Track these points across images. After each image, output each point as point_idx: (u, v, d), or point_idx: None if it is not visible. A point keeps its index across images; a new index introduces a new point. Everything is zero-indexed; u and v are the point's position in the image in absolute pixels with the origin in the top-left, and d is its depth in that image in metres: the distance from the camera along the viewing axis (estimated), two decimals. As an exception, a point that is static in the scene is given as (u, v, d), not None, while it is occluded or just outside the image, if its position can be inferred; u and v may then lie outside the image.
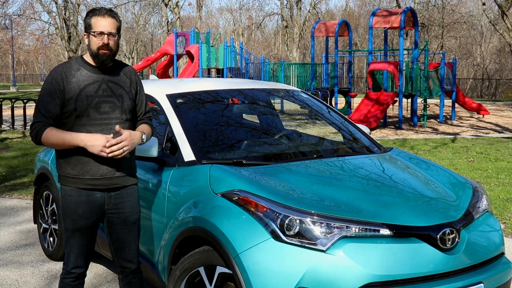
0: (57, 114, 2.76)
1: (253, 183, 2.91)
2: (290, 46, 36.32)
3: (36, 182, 4.76)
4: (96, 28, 2.75)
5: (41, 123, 2.75)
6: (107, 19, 2.76)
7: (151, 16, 47.20)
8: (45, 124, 2.75)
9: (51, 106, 2.75)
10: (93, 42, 2.76)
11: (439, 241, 2.72)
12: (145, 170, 3.45)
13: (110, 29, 2.76)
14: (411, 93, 15.29)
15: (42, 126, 2.74)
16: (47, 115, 2.75)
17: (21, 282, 4.15)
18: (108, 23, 2.75)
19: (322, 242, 2.60)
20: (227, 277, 2.81)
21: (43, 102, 2.77)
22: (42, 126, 2.74)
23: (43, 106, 2.76)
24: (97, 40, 2.75)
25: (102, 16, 2.76)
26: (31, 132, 2.78)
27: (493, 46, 45.89)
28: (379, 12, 16.30)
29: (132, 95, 2.91)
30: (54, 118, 2.76)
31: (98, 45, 2.75)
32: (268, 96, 4.36)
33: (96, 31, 2.74)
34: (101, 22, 2.75)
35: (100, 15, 2.76)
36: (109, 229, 2.95)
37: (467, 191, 3.21)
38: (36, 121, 2.77)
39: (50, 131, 2.73)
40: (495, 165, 8.79)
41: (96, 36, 2.75)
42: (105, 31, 2.74)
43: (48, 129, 2.73)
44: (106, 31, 2.75)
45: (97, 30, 2.74)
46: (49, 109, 2.75)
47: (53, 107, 2.75)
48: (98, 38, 2.75)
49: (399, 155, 3.73)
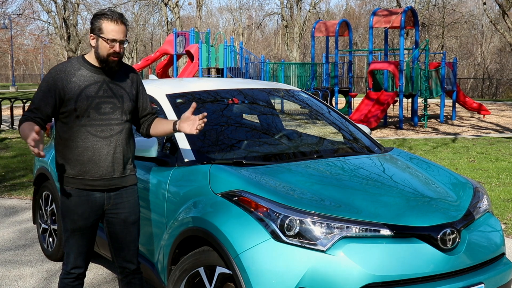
0: (47, 113, 2.73)
1: (253, 183, 2.91)
2: (290, 46, 36.32)
3: (36, 182, 4.75)
4: (108, 34, 2.71)
5: (25, 117, 2.71)
6: (119, 26, 2.72)
7: (150, 15, 47.26)
8: (28, 118, 2.70)
9: (42, 104, 2.72)
10: (104, 47, 2.73)
11: (439, 242, 2.71)
12: (144, 170, 3.44)
13: (122, 37, 2.73)
14: (411, 93, 15.28)
15: (25, 120, 2.69)
16: (35, 112, 2.72)
17: (20, 283, 4.14)
18: (120, 30, 2.72)
19: (322, 242, 2.60)
20: (227, 278, 2.81)
21: (36, 99, 2.75)
22: (25, 120, 2.69)
23: (35, 103, 2.74)
24: (108, 46, 2.72)
25: (115, 23, 2.71)
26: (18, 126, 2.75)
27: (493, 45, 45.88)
28: (380, 11, 16.29)
29: (133, 96, 2.90)
30: (42, 116, 2.72)
31: (108, 52, 2.73)
32: (268, 96, 4.36)
33: (108, 37, 2.71)
34: (113, 28, 2.70)
35: (113, 21, 2.71)
36: (109, 229, 2.94)
37: (468, 191, 3.21)
38: (23, 115, 2.74)
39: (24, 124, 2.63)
40: (496, 165, 8.78)
41: (107, 42, 2.71)
42: (118, 39, 2.71)
43: (26, 123, 2.64)
44: (119, 39, 2.72)
45: (109, 37, 2.70)
46: (39, 107, 2.72)
47: (44, 106, 2.72)
48: (109, 45, 2.71)
49: (400, 155, 3.73)
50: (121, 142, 2.84)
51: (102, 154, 2.79)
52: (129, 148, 2.90)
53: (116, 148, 2.81)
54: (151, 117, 3.00)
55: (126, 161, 2.88)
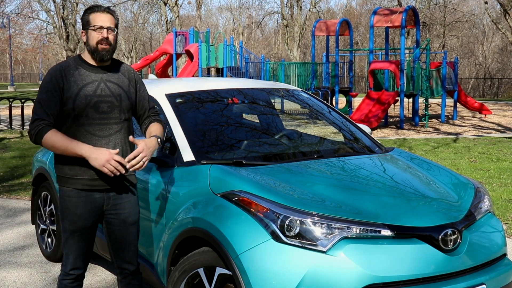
0: (58, 112, 2.73)
1: (253, 183, 2.89)
2: (290, 45, 36.31)
3: (34, 182, 4.74)
4: (95, 22, 2.76)
5: (44, 122, 2.68)
6: (106, 15, 2.78)
7: (150, 15, 47.24)
8: (49, 124, 2.69)
9: (53, 104, 2.71)
10: (92, 36, 2.76)
11: (440, 242, 2.70)
12: (144, 171, 3.42)
13: (109, 24, 2.77)
14: (412, 92, 15.26)
15: (45, 126, 2.67)
16: (49, 113, 2.69)
17: (19, 284, 4.13)
18: (107, 18, 2.78)
19: (323, 243, 2.58)
20: (226, 279, 2.79)
21: (45, 99, 2.71)
22: (45, 126, 2.67)
23: (45, 103, 2.70)
24: (96, 34, 2.75)
25: (101, 12, 2.78)
26: (32, 129, 2.70)
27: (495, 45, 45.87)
28: (380, 10, 16.27)
29: (131, 94, 2.89)
30: (55, 116, 2.72)
31: (97, 39, 2.75)
32: (268, 95, 4.34)
33: (95, 25, 2.75)
34: (100, 17, 2.77)
35: (99, 11, 2.78)
36: (108, 230, 2.92)
37: (469, 192, 3.19)
38: (38, 119, 2.69)
39: (55, 134, 2.67)
40: (497, 165, 8.76)
41: (95, 30, 2.74)
42: (104, 26, 2.75)
43: (52, 131, 2.67)
44: (105, 26, 2.76)
45: (96, 25, 2.75)
46: (51, 106, 2.70)
47: (54, 105, 2.71)
48: (97, 32, 2.75)
49: (401, 155, 3.71)
50: (120, 141, 2.82)
51: (101, 153, 2.77)
52: (128, 147, 2.88)
53: (115, 147, 2.80)
54: (147, 120, 2.97)
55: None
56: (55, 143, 2.65)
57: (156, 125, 2.93)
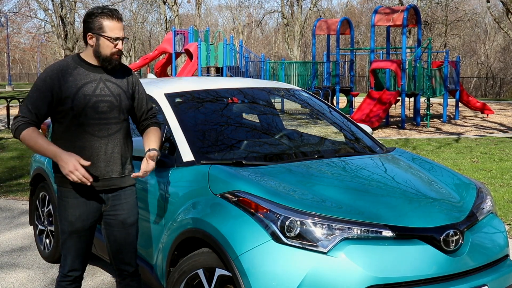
0: (44, 112, 2.71)
1: (253, 183, 2.87)
2: (290, 44, 36.29)
3: (32, 183, 4.72)
4: (111, 32, 2.70)
5: (24, 119, 2.69)
6: (119, 23, 2.73)
7: (149, 13, 47.27)
8: (29, 122, 2.68)
9: (39, 103, 2.69)
10: (106, 45, 2.71)
11: (442, 243, 2.69)
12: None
13: (123, 34, 2.74)
14: (414, 92, 15.22)
15: (24, 123, 2.68)
16: (32, 111, 2.69)
17: (17, 285, 4.11)
18: (121, 27, 2.74)
19: (323, 244, 2.57)
20: (226, 280, 2.78)
21: (32, 97, 2.71)
22: (24, 123, 2.68)
23: (31, 101, 2.70)
24: (111, 45, 2.71)
25: (117, 21, 2.72)
26: (13, 124, 2.72)
27: (497, 44, 45.82)
28: (381, 9, 16.23)
29: (130, 95, 2.87)
30: (40, 116, 2.70)
31: (112, 51, 2.72)
32: (269, 95, 4.33)
33: (112, 36, 2.70)
34: (115, 25, 2.71)
35: (114, 19, 2.71)
36: (107, 231, 2.91)
37: (471, 192, 3.17)
38: (20, 115, 2.71)
39: (32, 132, 2.66)
40: (500, 166, 8.73)
41: (111, 41, 2.70)
42: (121, 37, 2.72)
43: (30, 129, 2.67)
44: (121, 37, 2.72)
45: (112, 35, 2.70)
46: (36, 105, 2.69)
47: (41, 104, 2.69)
48: (113, 44, 2.71)
49: (402, 155, 3.69)
50: (119, 142, 2.81)
51: (100, 153, 2.76)
52: (127, 148, 2.87)
53: (114, 148, 2.79)
54: (146, 123, 2.95)
55: (124, 161, 2.85)
56: (29, 141, 2.66)
57: (153, 130, 2.91)
